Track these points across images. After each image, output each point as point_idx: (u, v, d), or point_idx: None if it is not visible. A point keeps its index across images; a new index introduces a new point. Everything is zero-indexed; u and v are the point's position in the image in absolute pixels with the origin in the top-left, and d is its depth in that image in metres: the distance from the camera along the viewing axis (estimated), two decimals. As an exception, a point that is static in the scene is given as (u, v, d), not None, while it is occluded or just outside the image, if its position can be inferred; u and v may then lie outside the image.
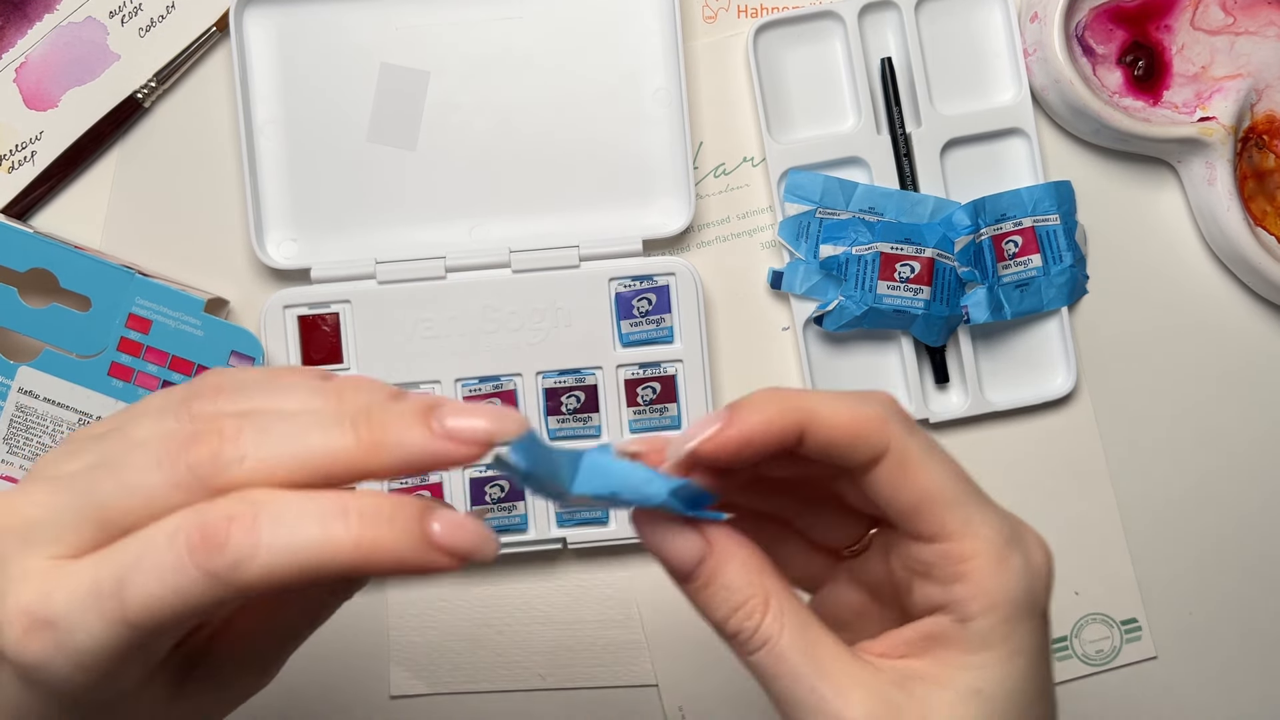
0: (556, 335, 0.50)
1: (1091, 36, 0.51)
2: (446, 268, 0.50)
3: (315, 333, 0.50)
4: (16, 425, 0.46)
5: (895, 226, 0.49)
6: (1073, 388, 0.51)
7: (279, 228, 0.50)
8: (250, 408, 0.26)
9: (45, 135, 0.51)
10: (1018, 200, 0.50)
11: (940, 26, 0.52)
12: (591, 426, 0.50)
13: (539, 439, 0.26)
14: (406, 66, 0.50)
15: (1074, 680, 0.52)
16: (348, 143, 0.50)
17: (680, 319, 0.50)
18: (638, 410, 0.50)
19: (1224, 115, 0.50)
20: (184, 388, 0.27)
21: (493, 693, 0.51)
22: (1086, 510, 0.52)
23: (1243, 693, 0.53)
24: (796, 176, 0.51)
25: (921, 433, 0.29)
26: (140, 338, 0.46)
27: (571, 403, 0.50)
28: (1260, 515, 0.53)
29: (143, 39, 0.51)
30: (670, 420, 0.50)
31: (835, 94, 0.52)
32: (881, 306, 0.49)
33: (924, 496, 0.28)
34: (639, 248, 0.50)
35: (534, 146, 0.50)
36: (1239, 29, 0.51)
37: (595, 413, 0.50)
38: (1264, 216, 0.51)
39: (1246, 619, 0.53)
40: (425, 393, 0.27)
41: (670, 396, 0.50)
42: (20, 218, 0.50)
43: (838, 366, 0.51)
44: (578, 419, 0.50)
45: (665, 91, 0.50)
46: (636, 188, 0.51)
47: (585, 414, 0.50)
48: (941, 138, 0.51)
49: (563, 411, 0.50)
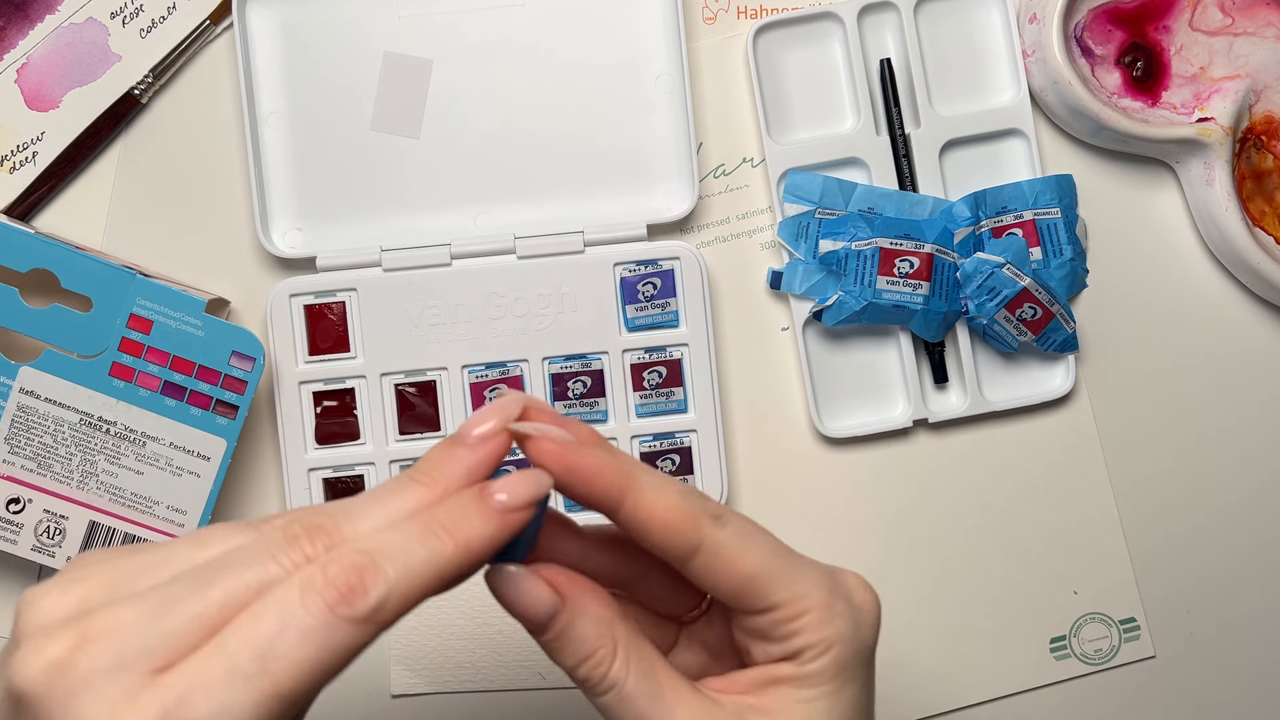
0: (562, 321, 0.50)
1: (1090, 37, 0.51)
2: (452, 255, 0.50)
3: (321, 321, 0.50)
4: (18, 425, 0.46)
5: (894, 222, 0.50)
6: (1072, 387, 0.51)
7: (284, 218, 0.51)
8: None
9: (46, 136, 0.51)
10: (1019, 193, 0.50)
11: (939, 27, 0.52)
12: (598, 411, 0.50)
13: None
14: (410, 55, 0.50)
15: (1073, 680, 0.52)
16: (352, 132, 0.50)
17: (685, 303, 0.50)
18: (644, 395, 0.50)
19: (1222, 116, 0.50)
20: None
21: (493, 692, 0.51)
22: (1085, 510, 0.52)
23: (1242, 692, 0.53)
24: (796, 177, 0.51)
25: (734, 517, 0.31)
26: (141, 338, 0.46)
27: (578, 388, 0.50)
28: (1259, 515, 0.53)
29: (144, 40, 0.51)
30: (677, 404, 0.50)
31: (834, 95, 0.52)
32: (881, 301, 0.49)
33: (745, 580, 0.30)
34: (643, 232, 0.50)
35: (537, 133, 0.51)
36: (1237, 30, 0.51)
37: (602, 397, 0.50)
38: (1262, 217, 0.51)
39: (1246, 618, 0.53)
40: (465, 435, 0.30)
41: (676, 380, 0.50)
42: (22, 218, 0.51)
43: (837, 366, 0.52)
44: (584, 404, 0.50)
45: (667, 77, 0.51)
46: (640, 173, 0.51)
47: (592, 399, 0.50)
48: (940, 138, 0.51)
49: (569, 397, 0.50)
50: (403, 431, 0.50)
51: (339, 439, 0.50)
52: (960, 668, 0.52)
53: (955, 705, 0.52)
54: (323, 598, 0.25)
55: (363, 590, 0.26)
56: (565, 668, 0.31)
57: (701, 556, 0.30)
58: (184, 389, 0.47)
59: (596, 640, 0.30)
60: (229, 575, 0.26)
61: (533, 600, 0.30)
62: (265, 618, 0.25)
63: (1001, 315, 0.49)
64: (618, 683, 0.30)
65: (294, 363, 0.50)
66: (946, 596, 0.52)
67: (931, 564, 0.52)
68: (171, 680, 0.25)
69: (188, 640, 0.26)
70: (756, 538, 0.31)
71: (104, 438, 0.47)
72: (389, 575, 0.26)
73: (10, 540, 0.47)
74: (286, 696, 0.25)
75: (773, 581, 0.31)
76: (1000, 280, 0.49)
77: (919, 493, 0.52)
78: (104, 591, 0.27)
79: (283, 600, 0.26)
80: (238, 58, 0.49)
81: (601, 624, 0.31)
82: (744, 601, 0.31)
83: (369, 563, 0.26)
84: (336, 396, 0.50)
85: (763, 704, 0.31)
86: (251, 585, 0.26)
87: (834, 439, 0.51)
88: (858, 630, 0.32)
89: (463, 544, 0.27)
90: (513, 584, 0.30)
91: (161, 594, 0.26)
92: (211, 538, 0.28)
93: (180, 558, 0.27)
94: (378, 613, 0.26)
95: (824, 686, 0.31)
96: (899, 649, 0.52)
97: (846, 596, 0.32)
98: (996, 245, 0.50)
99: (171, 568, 0.27)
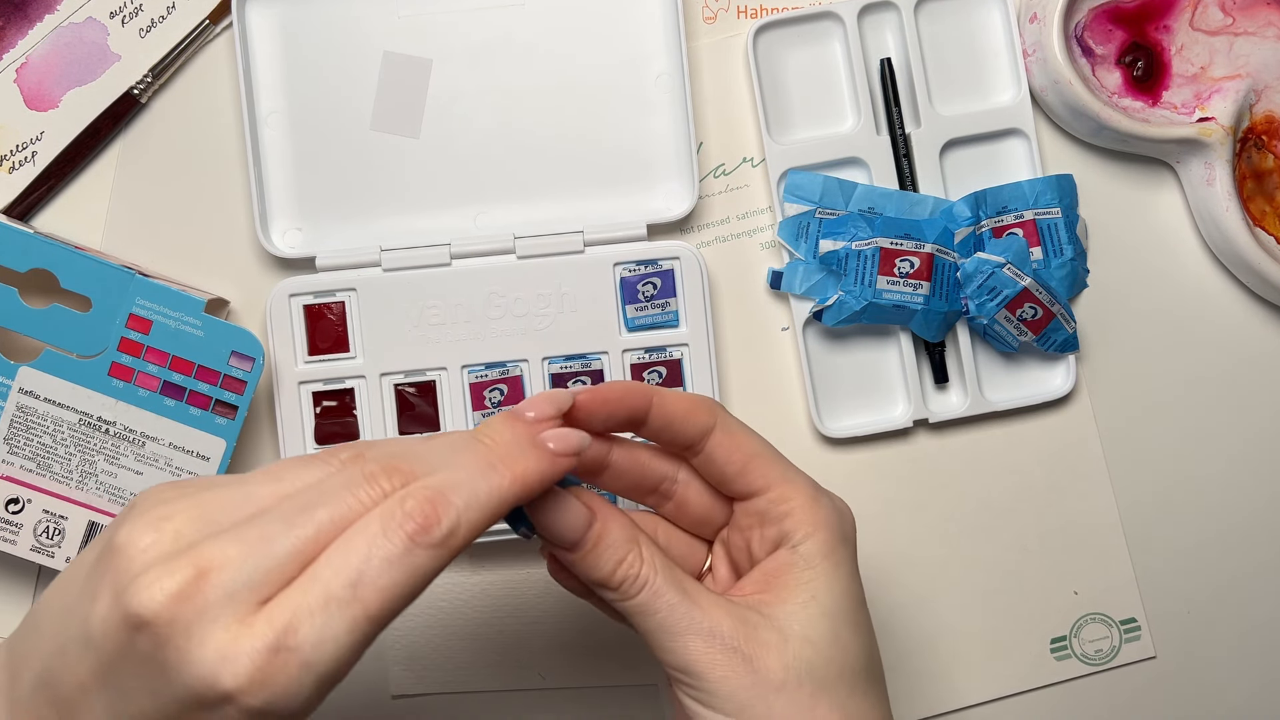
0: (562, 320, 0.50)
1: (1091, 37, 0.51)
2: (451, 254, 0.50)
3: (321, 321, 0.50)
4: (17, 425, 0.46)
5: (895, 222, 0.50)
6: (1072, 387, 0.51)
7: (284, 217, 0.51)
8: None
9: (46, 136, 0.51)
10: (1019, 193, 0.50)
11: (940, 27, 0.52)
12: None
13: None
14: (409, 55, 0.50)
15: (1073, 680, 0.52)
16: (351, 131, 0.50)
17: (685, 303, 0.50)
18: None
19: (1223, 116, 0.50)
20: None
21: (493, 693, 0.51)
22: (1086, 510, 0.52)
23: (1242, 692, 0.53)
24: (796, 177, 0.51)
25: (738, 418, 0.38)
26: (140, 338, 0.46)
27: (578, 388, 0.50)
28: (1259, 514, 0.53)
29: (143, 39, 0.51)
30: None
31: (835, 94, 0.52)
32: (881, 301, 0.49)
33: (749, 455, 0.37)
34: (643, 232, 0.50)
35: (537, 133, 0.51)
36: (1238, 30, 0.51)
37: None
38: (1263, 217, 0.51)
39: (1246, 618, 0.53)
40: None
41: (676, 380, 0.50)
42: (21, 218, 0.51)
43: (837, 366, 0.51)
44: None
45: (667, 77, 0.51)
46: (640, 173, 0.51)
47: None
48: (941, 138, 0.51)
49: None
50: (402, 432, 0.50)
51: (339, 439, 0.50)
52: (960, 668, 0.52)
53: (955, 705, 0.52)
54: (403, 528, 0.29)
55: (436, 519, 0.29)
56: (601, 575, 0.35)
57: (718, 434, 0.37)
58: (183, 389, 0.47)
59: (627, 545, 0.35)
60: (318, 511, 0.29)
61: (572, 515, 0.34)
62: (353, 549, 0.28)
63: (1002, 315, 0.49)
64: (648, 579, 0.35)
65: (293, 363, 0.50)
66: (946, 596, 0.52)
67: (932, 564, 0.52)
68: (276, 610, 0.28)
69: (286, 572, 0.28)
70: (759, 435, 0.38)
71: (103, 438, 0.47)
72: (457, 505, 0.30)
73: (10, 540, 0.47)
74: (376, 618, 0.28)
75: (770, 464, 0.37)
76: (1001, 280, 0.49)
77: (919, 493, 0.52)
78: (196, 528, 0.29)
79: (368, 532, 0.29)
80: (237, 57, 0.49)
81: (628, 530, 0.35)
82: (747, 478, 0.37)
83: (439, 495, 0.30)
84: (336, 397, 0.50)
85: (771, 596, 0.36)
86: (337, 519, 0.29)
87: (834, 439, 0.51)
88: (841, 521, 0.37)
89: (520, 477, 0.31)
90: (553, 504, 0.34)
91: (258, 530, 0.29)
92: (285, 473, 0.31)
93: (260, 494, 0.30)
94: (450, 538, 0.29)
95: (818, 567, 0.36)
96: (899, 649, 0.52)
97: (830, 499, 0.38)
98: (997, 245, 0.50)
99: (253, 503, 0.30)
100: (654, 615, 0.35)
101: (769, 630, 0.35)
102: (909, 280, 0.49)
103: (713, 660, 0.34)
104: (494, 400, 0.50)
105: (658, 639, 0.35)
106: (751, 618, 0.35)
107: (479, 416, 0.50)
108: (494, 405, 0.50)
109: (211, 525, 0.29)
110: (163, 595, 0.28)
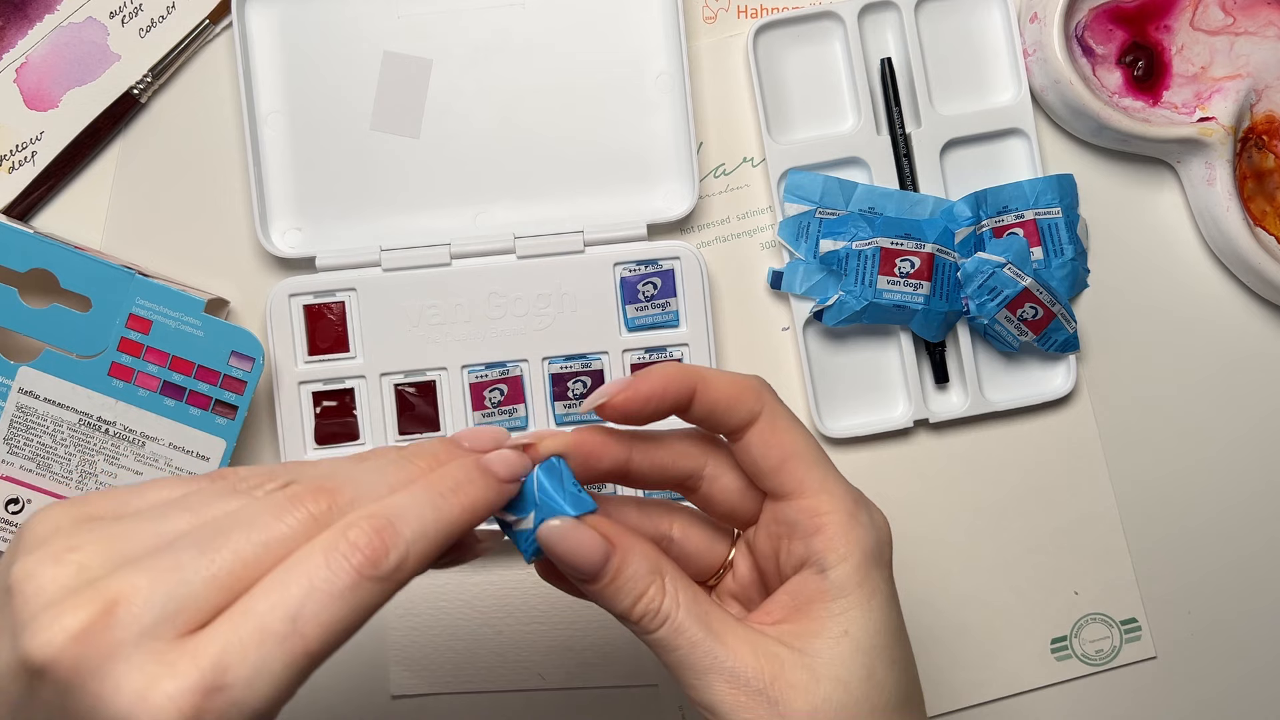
0: (562, 320, 0.50)
1: (1091, 37, 0.51)
2: (452, 254, 0.50)
3: (321, 321, 0.50)
4: (17, 425, 0.46)
5: (895, 221, 0.49)
6: (1072, 387, 0.51)
7: (284, 217, 0.51)
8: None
9: (45, 136, 0.51)
10: (1019, 192, 0.50)
11: (940, 27, 0.52)
12: None
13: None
14: (409, 54, 0.50)
15: (1074, 680, 0.52)
16: (351, 131, 0.50)
17: (686, 303, 0.50)
18: None
19: (1223, 115, 0.50)
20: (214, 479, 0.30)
21: (493, 693, 0.51)
22: (1086, 510, 0.52)
23: (1242, 692, 0.53)
24: (796, 177, 0.51)
25: (788, 407, 0.35)
26: (140, 338, 0.46)
27: (578, 388, 0.50)
28: (1260, 515, 0.53)
29: (143, 39, 0.51)
30: None
31: (835, 94, 0.52)
32: (881, 301, 0.49)
33: (789, 453, 0.34)
34: (643, 232, 0.50)
35: (537, 133, 0.51)
36: (1238, 29, 0.51)
37: None
38: (1263, 216, 0.51)
39: (1246, 619, 0.53)
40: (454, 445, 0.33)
41: None
42: (21, 218, 0.51)
43: (837, 366, 0.51)
44: None
45: (667, 77, 0.51)
46: (640, 173, 0.51)
47: None
48: (941, 138, 0.51)
49: (569, 397, 0.50)
50: (402, 432, 0.50)
51: (338, 439, 0.50)
52: (961, 668, 0.52)
53: (956, 705, 0.52)
54: (349, 560, 0.27)
55: (384, 550, 0.27)
56: (620, 610, 0.33)
57: (761, 424, 0.34)
58: (183, 389, 0.46)
59: (649, 578, 0.33)
60: (235, 536, 0.27)
61: (588, 549, 0.32)
62: (293, 580, 0.26)
63: (1002, 315, 0.49)
64: (670, 614, 0.33)
65: (293, 363, 0.50)
66: (947, 596, 0.52)
67: (932, 564, 0.52)
68: (202, 644, 0.25)
69: (207, 603, 0.26)
70: (806, 430, 0.35)
71: (103, 438, 0.46)
72: (406, 536, 0.28)
73: (9, 541, 0.47)
74: (316, 654, 0.26)
75: (809, 466, 0.34)
76: (1001, 280, 0.49)
77: (919, 493, 0.52)
78: (101, 558, 0.26)
79: (309, 563, 0.26)
80: (237, 57, 0.49)
81: (650, 561, 0.33)
82: (782, 476, 0.34)
83: (387, 525, 0.27)
84: (336, 396, 0.50)
85: (800, 628, 0.33)
86: (259, 544, 0.27)
87: (835, 439, 0.51)
88: (878, 541, 0.34)
89: (469, 505, 0.30)
90: (566, 537, 0.32)
91: (169, 558, 0.26)
92: (175, 485, 0.29)
93: (177, 520, 0.28)
94: (398, 571, 0.27)
95: (852, 596, 0.33)
96: (899, 649, 0.52)
97: (870, 513, 0.35)
98: (997, 245, 0.50)
99: (161, 526, 0.27)
100: (675, 651, 0.33)
101: (798, 670, 0.33)
102: (909, 280, 0.49)
103: (737, 702, 0.32)
104: (494, 400, 0.50)
105: (681, 674, 0.33)
106: (780, 654, 0.33)
107: (479, 416, 0.50)
108: (494, 405, 0.50)
109: (117, 555, 0.26)
110: (64, 636, 0.25)
